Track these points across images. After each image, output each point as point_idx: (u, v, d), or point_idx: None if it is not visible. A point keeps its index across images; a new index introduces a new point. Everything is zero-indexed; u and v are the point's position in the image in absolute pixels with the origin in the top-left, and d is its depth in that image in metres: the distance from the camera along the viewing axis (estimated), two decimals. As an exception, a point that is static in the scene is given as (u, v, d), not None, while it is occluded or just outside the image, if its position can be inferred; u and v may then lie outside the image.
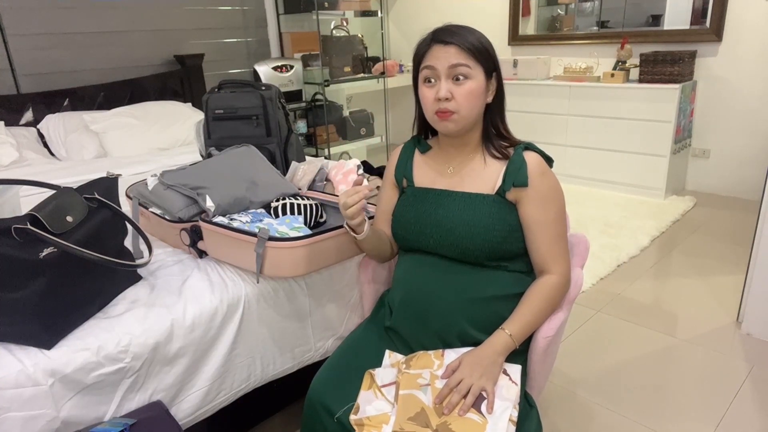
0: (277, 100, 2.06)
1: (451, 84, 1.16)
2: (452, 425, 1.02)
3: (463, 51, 1.15)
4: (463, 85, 1.16)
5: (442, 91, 1.16)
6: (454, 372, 1.11)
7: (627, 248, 2.88)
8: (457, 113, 1.17)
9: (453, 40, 1.15)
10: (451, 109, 1.17)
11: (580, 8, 4.14)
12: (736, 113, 3.54)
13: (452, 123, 1.19)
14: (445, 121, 1.18)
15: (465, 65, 1.15)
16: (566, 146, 3.96)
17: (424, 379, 1.11)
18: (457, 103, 1.16)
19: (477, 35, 1.18)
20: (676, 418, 1.71)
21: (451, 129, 1.20)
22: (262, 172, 1.68)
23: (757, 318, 2.09)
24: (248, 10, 4.09)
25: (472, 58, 1.15)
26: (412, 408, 1.06)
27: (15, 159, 2.67)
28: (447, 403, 1.06)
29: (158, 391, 1.25)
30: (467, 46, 1.15)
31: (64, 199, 1.16)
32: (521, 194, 1.19)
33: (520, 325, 1.17)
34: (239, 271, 1.43)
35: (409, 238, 1.27)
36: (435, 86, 1.18)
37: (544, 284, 1.20)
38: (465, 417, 1.03)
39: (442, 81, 1.16)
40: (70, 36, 3.24)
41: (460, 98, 1.16)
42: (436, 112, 1.18)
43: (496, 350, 1.13)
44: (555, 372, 1.94)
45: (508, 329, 1.15)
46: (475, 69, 1.16)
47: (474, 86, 1.16)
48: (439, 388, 1.09)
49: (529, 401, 1.18)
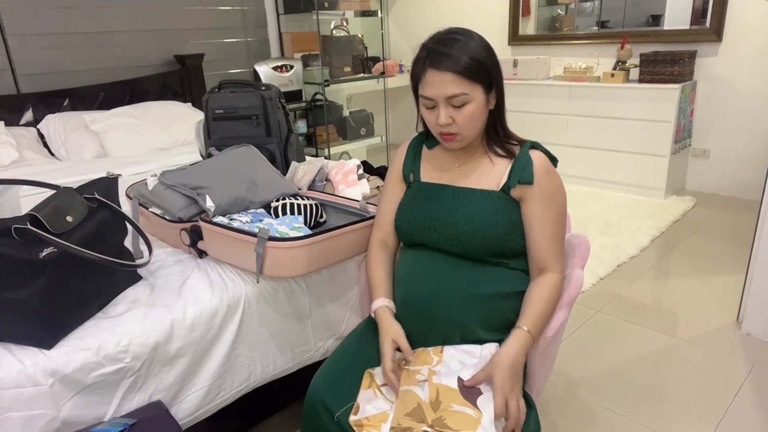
0: (277, 100, 2.06)
1: (450, 109, 1.16)
2: (447, 420, 1.02)
3: (458, 77, 1.12)
4: (463, 110, 1.16)
5: (441, 118, 1.16)
6: (480, 383, 1.09)
7: (627, 248, 2.88)
8: (460, 134, 1.19)
9: (446, 65, 1.12)
10: (453, 131, 1.18)
11: (580, 8, 4.14)
12: (736, 113, 3.54)
13: (456, 143, 1.21)
14: (450, 142, 1.21)
15: (462, 94, 1.14)
16: (566, 146, 3.96)
17: (422, 375, 1.12)
18: (458, 126, 1.17)
19: (472, 48, 1.14)
20: (676, 418, 1.71)
21: (457, 147, 1.24)
22: (262, 172, 1.68)
23: (757, 318, 2.09)
24: (248, 10, 4.09)
25: (469, 82, 1.13)
26: (410, 404, 1.07)
27: (15, 159, 2.67)
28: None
29: (158, 391, 1.25)
30: (461, 71, 1.12)
31: (64, 199, 1.16)
32: (526, 192, 1.20)
33: (533, 320, 1.16)
34: (239, 271, 1.43)
35: (413, 232, 1.28)
36: (435, 111, 1.18)
37: (547, 282, 1.20)
38: (460, 411, 1.04)
39: (441, 108, 1.16)
40: (70, 36, 3.24)
41: (462, 122, 1.17)
42: (439, 133, 1.21)
43: (520, 352, 1.12)
44: (555, 372, 1.94)
45: (525, 326, 1.14)
46: (474, 91, 1.15)
47: (474, 109, 1.16)
48: (437, 384, 1.09)
49: (529, 401, 1.18)
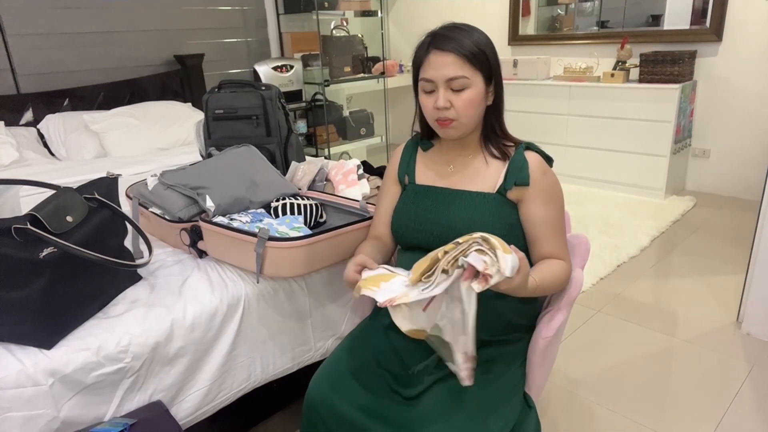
0: (277, 100, 2.06)
1: (449, 93, 1.16)
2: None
3: (461, 59, 1.14)
4: (462, 94, 1.16)
5: (440, 100, 1.16)
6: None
7: (627, 248, 2.88)
8: (457, 120, 1.18)
9: (450, 47, 1.14)
10: (450, 117, 1.17)
11: (580, 8, 4.14)
12: (736, 113, 3.54)
13: (452, 130, 1.20)
14: (446, 128, 1.20)
15: (463, 77, 1.14)
16: (566, 146, 3.96)
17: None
18: (456, 111, 1.17)
19: (475, 37, 1.16)
20: (676, 418, 1.71)
21: (452, 135, 1.22)
22: (262, 172, 1.68)
23: (757, 318, 2.09)
24: (248, 10, 4.09)
25: (470, 66, 1.14)
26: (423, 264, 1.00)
27: (15, 159, 2.67)
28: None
29: (158, 391, 1.25)
30: (465, 54, 1.13)
31: (64, 199, 1.16)
32: (523, 193, 1.20)
33: (541, 275, 1.12)
34: (239, 271, 1.43)
35: (409, 235, 1.28)
36: (434, 95, 1.18)
37: (555, 262, 1.19)
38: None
39: (441, 90, 1.16)
40: (70, 36, 3.24)
41: (460, 107, 1.16)
42: (436, 119, 1.19)
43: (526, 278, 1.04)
44: (555, 372, 1.94)
45: (533, 275, 1.10)
46: (474, 77, 1.16)
47: (473, 95, 1.16)
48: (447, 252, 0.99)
49: (528, 402, 1.18)
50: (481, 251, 0.93)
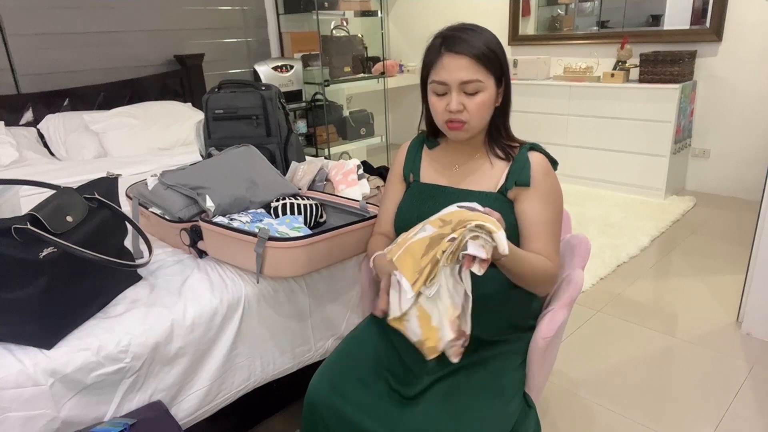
0: (277, 100, 2.06)
1: (462, 96, 1.16)
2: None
3: (474, 62, 1.13)
4: (476, 98, 1.16)
5: (453, 104, 1.16)
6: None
7: (627, 248, 2.88)
8: (469, 123, 1.18)
9: (464, 49, 1.13)
10: (463, 119, 1.17)
11: (580, 8, 4.14)
12: (736, 113, 3.54)
13: (463, 132, 1.20)
14: (457, 131, 1.20)
15: (477, 80, 1.14)
16: (566, 146, 3.96)
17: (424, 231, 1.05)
18: (468, 114, 1.17)
19: (485, 38, 1.16)
20: (676, 418, 1.71)
21: (462, 137, 1.22)
22: (262, 172, 1.68)
23: (757, 318, 2.09)
24: (248, 10, 4.09)
25: (484, 69, 1.15)
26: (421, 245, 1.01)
27: (15, 159, 2.67)
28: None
29: (158, 391, 1.25)
30: (478, 56, 1.13)
31: (64, 199, 1.16)
32: (522, 192, 1.20)
33: (517, 249, 1.09)
34: (239, 271, 1.43)
35: None
36: (446, 98, 1.17)
37: (540, 256, 1.16)
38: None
39: (454, 94, 1.16)
40: (70, 36, 3.24)
41: (473, 110, 1.16)
42: (446, 121, 1.19)
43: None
44: (555, 372, 1.94)
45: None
46: (487, 80, 1.16)
47: (485, 98, 1.16)
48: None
49: (528, 402, 1.18)
50: (475, 237, 0.96)
